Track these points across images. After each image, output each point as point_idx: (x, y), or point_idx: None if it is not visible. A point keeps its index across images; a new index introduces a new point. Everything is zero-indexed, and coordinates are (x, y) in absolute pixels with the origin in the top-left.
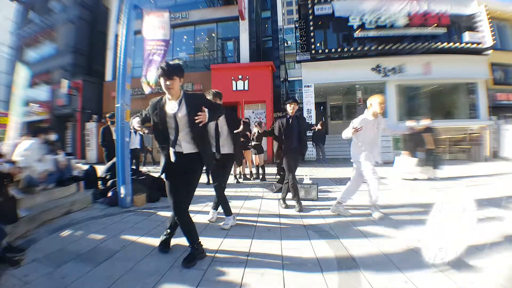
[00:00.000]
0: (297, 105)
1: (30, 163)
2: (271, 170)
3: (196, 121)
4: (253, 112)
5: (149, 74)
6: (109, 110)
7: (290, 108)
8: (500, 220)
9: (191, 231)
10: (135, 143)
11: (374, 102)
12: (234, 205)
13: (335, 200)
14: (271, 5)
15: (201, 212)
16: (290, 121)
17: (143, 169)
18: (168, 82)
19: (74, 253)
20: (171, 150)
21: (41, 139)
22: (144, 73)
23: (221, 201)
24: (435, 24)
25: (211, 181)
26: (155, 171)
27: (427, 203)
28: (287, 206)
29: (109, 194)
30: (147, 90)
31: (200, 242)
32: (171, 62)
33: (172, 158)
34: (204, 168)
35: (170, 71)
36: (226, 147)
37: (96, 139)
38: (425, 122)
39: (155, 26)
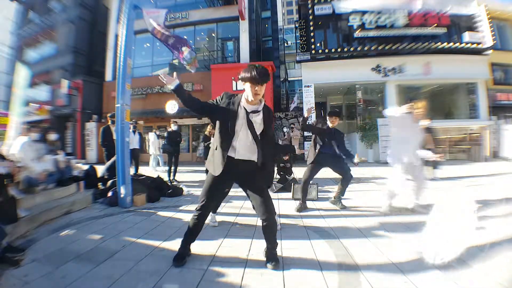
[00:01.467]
0: (339, 120)
1: (26, 163)
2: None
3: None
4: None
5: (186, 55)
6: (109, 110)
7: (330, 122)
8: (500, 220)
9: (190, 234)
10: (134, 143)
11: (415, 106)
12: (234, 205)
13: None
14: (271, 5)
15: None
16: (331, 130)
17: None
18: (257, 88)
19: (74, 253)
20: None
21: (32, 137)
22: (180, 57)
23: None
24: (435, 24)
25: None
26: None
27: (427, 203)
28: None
29: (109, 194)
30: (193, 69)
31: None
32: (261, 68)
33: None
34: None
35: (263, 78)
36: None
37: (96, 139)
38: (424, 123)
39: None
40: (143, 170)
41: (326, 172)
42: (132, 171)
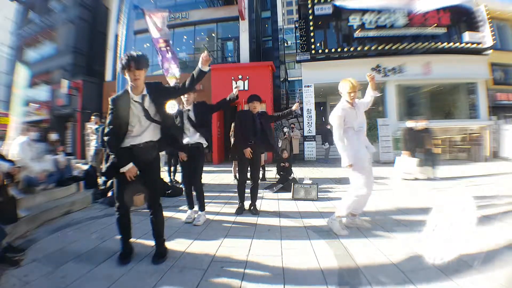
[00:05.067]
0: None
1: (26, 163)
2: (272, 169)
3: None
4: None
5: (173, 70)
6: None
7: (252, 107)
8: (500, 221)
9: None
10: None
11: (342, 91)
12: (234, 205)
13: (336, 200)
14: (271, 5)
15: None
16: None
17: None
18: (136, 73)
19: (74, 253)
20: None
21: (31, 137)
22: (166, 69)
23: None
24: (435, 24)
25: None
26: None
27: (428, 203)
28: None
29: (109, 194)
30: (172, 83)
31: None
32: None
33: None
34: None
35: (138, 63)
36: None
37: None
38: (421, 123)
39: (157, 26)
40: None
41: (326, 172)
42: None
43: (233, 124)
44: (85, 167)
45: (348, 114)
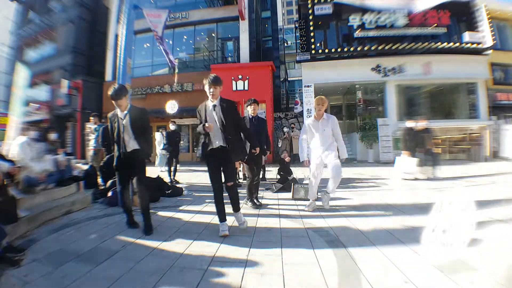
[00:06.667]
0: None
1: (26, 163)
2: (272, 169)
3: None
4: None
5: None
6: (109, 110)
7: (251, 109)
8: (499, 220)
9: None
10: None
11: (314, 104)
12: None
13: (335, 200)
14: (271, 5)
15: (201, 212)
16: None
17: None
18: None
19: (74, 253)
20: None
21: (31, 137)
22: (173, 61)
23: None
24: (435, 24)
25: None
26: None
27: (427, 203)
28: (256, 206)
29: (109, 194)
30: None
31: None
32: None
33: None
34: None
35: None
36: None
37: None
38: (421, 123)
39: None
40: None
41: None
42: None
43: None
44: (85, 167)
45: (312, 126)
